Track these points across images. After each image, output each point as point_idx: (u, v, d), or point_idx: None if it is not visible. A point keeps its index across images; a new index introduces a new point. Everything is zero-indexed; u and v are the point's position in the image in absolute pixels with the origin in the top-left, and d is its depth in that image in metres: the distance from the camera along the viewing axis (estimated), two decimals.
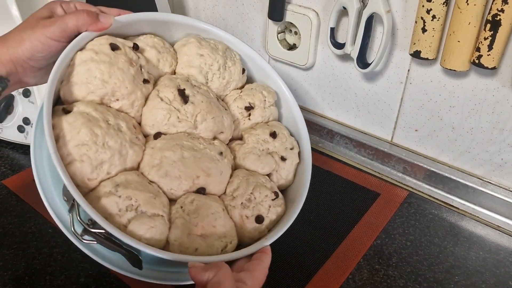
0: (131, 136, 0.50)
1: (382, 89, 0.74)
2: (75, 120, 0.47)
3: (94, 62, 0.50)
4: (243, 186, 0.54)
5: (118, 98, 0.52)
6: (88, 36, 0.51)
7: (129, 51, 0.53)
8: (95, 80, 0.50)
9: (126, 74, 0.51)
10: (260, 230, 0.53)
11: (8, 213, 0.66)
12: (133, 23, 0.57)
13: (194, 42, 0.60)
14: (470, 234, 0.66)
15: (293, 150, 0.61)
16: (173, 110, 0.54)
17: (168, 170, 0.50)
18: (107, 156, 0.47)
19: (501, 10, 0.54)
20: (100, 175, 0.47)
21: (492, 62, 0.58)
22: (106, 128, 0.48)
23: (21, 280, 0.57)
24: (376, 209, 0.69)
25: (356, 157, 0.81)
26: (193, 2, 0.93)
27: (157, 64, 0.58)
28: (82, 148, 0.46)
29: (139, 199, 0.46)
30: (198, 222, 0.48)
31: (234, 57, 0.62)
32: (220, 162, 0.54)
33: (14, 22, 0.76)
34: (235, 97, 0.62)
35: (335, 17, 0.71)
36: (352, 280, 0.59)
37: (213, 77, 0.60)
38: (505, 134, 0.65)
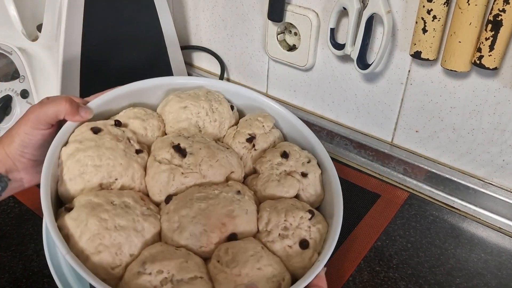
0: (142, 209, 0.48)
1: (382, 90, 0.74)
2: (79, 214, 0.45)
3: (80, 152, 0.49)
4: (273, 216, 0.50)
5: (116, 177, 0.49)
6: (68, 129, 0.51)
7: (112, 129, 0.52)
8: (87, 169, 0.48)
9: (116, 150, 0.50)
10: (309, 255, 0.48)
11: (6, 215, 0.65)
12: (109, 102, 0.56)
13: (174, 98, 0.59)
14: (471, 236, 0.66)
15: (311, 163, 0.57)
16: (174, 168, 0.51)
17: (191, 228, 0.47)
18: (123, 238, 0.44)
19: (503, 10, 0.54)
20: (124, 260, 0.44)
21: (494, 63, 0.58)
22: (112, 209, 0.45)
23: (19, 282, 0.56)
24: (376, 211, 0.69)
25: (356, 158, 0.80)
26: (193, 2, 0.93)
27: (145, 133, 0.56)
28: (95, 239, 0.44)
29: (170, 268, 0.43)
30: (241, 270, 0.44)
31: (217, 97, 0.60)
32: (241, 201, 0.50)
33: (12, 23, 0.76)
34: (233, 134, 0.59)
35: (335, 18, 0.71)
36: (353, 282, 0.58)
37: (205, 123, 0.58)
38: (507, 135, 0.65)
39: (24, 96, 0.73)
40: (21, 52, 0.73)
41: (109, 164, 0.49)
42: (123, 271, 0.44)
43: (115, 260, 0.44)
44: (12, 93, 0.74)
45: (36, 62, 0.73)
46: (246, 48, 0.89)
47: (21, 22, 0.76)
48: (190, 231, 0.46)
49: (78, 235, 0.44)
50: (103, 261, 0.43)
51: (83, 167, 0.48)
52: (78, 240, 0.44)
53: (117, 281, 0.44)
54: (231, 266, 0.44)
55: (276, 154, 0.56)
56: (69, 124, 0.51)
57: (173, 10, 0.97)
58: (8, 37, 0.76)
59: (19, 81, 0.73)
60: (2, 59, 0.75)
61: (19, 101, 0.74)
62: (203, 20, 0.94)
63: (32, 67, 0.73)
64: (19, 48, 0.73)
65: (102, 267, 0.43)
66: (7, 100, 0.74)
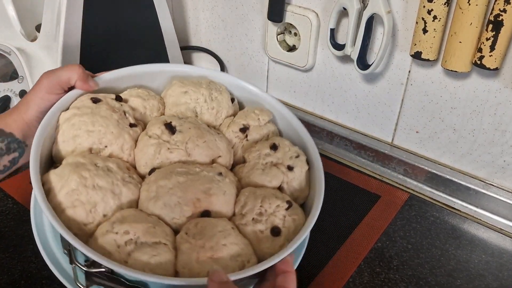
0: (123, 175, 0.49)
1: (382, 90, 0.74)
2: (63, 170, 0.47)
3: (76, 116, 0.51)
4: (250, 200, 0.50)
5: (106, 144, 0.51)
6: (71, 97, 0.53)
7: (111, 101, 0.55)
8: (80, 132, 0.51)
9: (110, 119, 0.52)
10: (280, 243, 0.48)
11: (4, 216, 0.65)
12: (115, 80, 0.58)
13: (177, 83, 0.61)
14: (472, 237, 0.65)
15: (299, 158, 0.56)
16: (162, 143, 0.52)
17: (166, 198, 0.48)
18: (99, 197, 0.46)
19: (503, 10, 0.54)
20: (96, 218, 0.46)
21: (494, 63, 0.58)
22: (94, 170, 0.47)
23: (17, 284, 0.56)
24: (376, 212, 0.69)
25: (356, 159, 0.80)
26: (192, 2, 0.93)
27: (144, 111, 0.58)
28: (73, 194, 0.45)
29: (137, 231, 0.44)
30: (205, 243, 0.45)
31: (219, 88, 0.62)
32: (221, 182, 0.51)
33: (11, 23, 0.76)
34: (228, 123, 0.60)
35: (335, 18, 0.71)
36: (353, 283, 0.58)
37: (202, 110, 0.60)
38: (508, 136, 0.64)
39: (22, 96, 0.73)
40: (20, 53, 0.73)
41: (100, 131, 0.51)
42: (95, 228, 0.46)
43: (88, 217, 0.45)
44: (10, 94, 0.74)
45: (35, 63, 0.73)
46: (246, 49, 0.89)
47: (20, 23, 0.76)
48: (165, 201, 0.48)
49: (58, 189, 0.46)
50: (77, 216, 0.45)
51: (77, 131, 0.51)
52: (57, 193, 0.45)
53: (87, 237, 0.45)
54: (196, 237, 0.45)
55: (265, 145, 0.57)
56: (73, 92, 0.53)
57: (173, 10, 0.97)
58: (7, 37, 0.76)
59: (17, 81, 0.73)
60: (0, 59, 0.75)
61: (17, 101, 0.73)
62: (202, 20, 0.93)
63: (31, 68, 0.72)
64: (17, 49, 0.73)
65: (75, 221, 0.45)
66: (6, 100, 0.74)
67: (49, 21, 0.71)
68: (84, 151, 0.51)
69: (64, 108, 0.53)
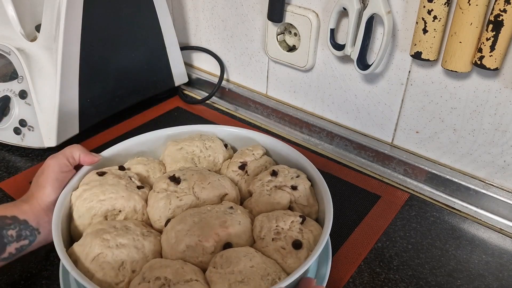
0: (142, 230, 0.52)
1: (382, 90, 0.74)
2: (85, 240, 0.50)
3: (87, 191, 0.54)
4: (265, 224, 0.52)
5: (120, 209, 0.55)
6: (78, 177, 0.57)
7: (116, 171, 0.59)
8: (93, 204, 0.54)
9: (118, 185, 0.55)
10: (304, 255, 0.50)
11: None
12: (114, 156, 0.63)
13: (171, 143, 0.65)
14: (472, 237, 0.65)
15: (300, 177, 0.60)
16: (170, 194, 0.56)
17: (186, 240, 0.49)
18: (125, 254, 0.48)
19: (504, 11, 0.54)
20: (127, 275, 0.48)
21: (494, 63, 0.58)
22: (114, 231, 0.50)
23: (17, 284, 0.56)
24: (376, 212, 0.69)
25: (356, 159, 0.80)
26: (192, 3, 0.93)
27: (147, 175, 0.62)
28: (99, 258, 0.48)
29: (167, 275, 0.45)
30: (234, 269, 0.46)
31: (211, 137, 0.67)
32: (233, 214, 0.53)
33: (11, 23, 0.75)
34: (227, 165, 0.64)
35: (335, 18, 0.71)
36: (353, 283, 0.58)
37: (200, 159, 0.64)
38: (508, 136, 0.64)
39: (23, 97, 0.73)
40: (20, 53, 0.73)
41: (112, 198, 0.54)
42: (127, 286, 0.47)
43: (118, 276, 0.47)
44: (10, 94, 0.74)
45: (34, 63, 0.73)
46: (245, 49, 0.89)
47: (20, 23, 0.76)
48: (186, 242, 0.49)
49: (84, 257, 0.48)
50: (107, 277, 0.47)
51: (89, 203, 0.54)
52: (84, 261, 0.48)
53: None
54: (224, 266, 0.46)
55: (266, 174, 0.60)
56: (80, 173, 0.58)
57: (173, 10, 0.97)
58: (7, 37, 0.76)
59: (17, 81, 0.73)
60: (0, 59, 0.75)
61: (17, 102, 0.74)
62: (202, 20, 0.93)
63: (31, 68, 0.72)
64: (17, 49, 0.73)
65: (106, 283, 0.47)
66: (6, 100, 0.74)
67: (49, 21, 0.71)
68: (100, 220, 0.53)
69: (75, 188, 0.56)
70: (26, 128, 0.74)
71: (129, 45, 0.82)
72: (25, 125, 0.74)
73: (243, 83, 0.94)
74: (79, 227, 0.54)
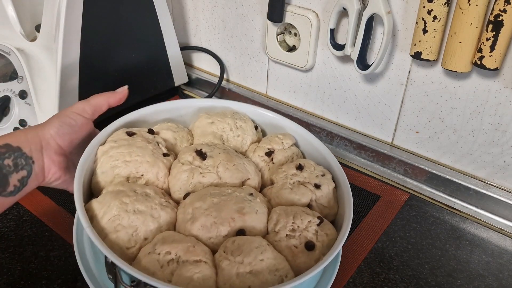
0: (161, 200, 0.52)
1: (382, 90, 0.74)
2: (104, 198, 0.50)
3: (114, 149, 0.55)
4: (282, 218, 0.52)
5: (142, 173, 0.55)
6: (108, 132, 0.58)
7: (145, 134, 0.59)
8: (118, 163, 0.54)
9: (145, 149, 0.56)
10: (315, 257, 0.49)
11: (4, 216, 0.65)
12: (145, 116, 0.64)
13: (203, 116, 0.65)
14: (472, 237, 0.65)
15: (325, 176, 0.59)
16: (194, 169, 0.56)
17: (202, 219, 0.50)
18: (140, 221, 0.49)
19: (504, 11, 0.54)
20: (138, 242, 0.48)
21: (494, 63, 0.58)
22: (134, 196, 0.50)
23: (17, 284, 0.56)
24: (376, 212, 0.69)
25: (356, 159, 0.80)
26: (192, 3, 0.93)
27: (174, 142, 0.62)
28: (115, 220, 0.48)
29: (178, 250, 0.46)
30: (244, 259, 0.46)
31: (243, 117, 0.66)
32: (252, 201, 0.53)
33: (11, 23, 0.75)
34: (254, 149, 0.63)
35: (335, 18, 0.71)
36: (353, 283, 0.58)
37: (228, 137, 0.64)
38: (508, 136, 0.64)
39: (23, 97, 0.73)
40: (20, 53, 0.73)
41: (137, 161, 0.54)
42: (137, 252, 0.48)
43: (131, 241, 0.48)
44: (10, 94, 0.74)
45: (34, 63, 0.73)
46: (245, 49, 0.89)
47: (20, 23, 0.76)
48: (202, 222, 0.49)
49: (101, 215, 0.48)
50: (120, 240, 0.48)
51: (114, 162, 0.54)
52: (100, 220, 0.48)
53: (130, 261, 0.47)
54: (235, 254, 0.47)
55: (291, 166, 0.59)
56: (109, 128, 0.58)
57: (173, 10, 0.97)
58: (7, 37, 0.76)
59: (17, 81, 0.73)
60: (0, 59, 0.75)
61: (17, 102, 0.74)
62: (202, 20, 0.93)
63: (31, 68, 0.72)
64: (17, 49, 0.73)
65: (118, 245, 0.47)
66: (5, 100, 0.74)
67: (48, 22, 0.71)
68: (122, 180, 0.54)
69: (102, 143, 0.56)
70: (26, 128, 0.74)
71: (129, 45, 0.82)
72: (25, 125, 0.74)
73: (243, 83, 0.94)
74: (101, 183, 0.54)
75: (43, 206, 0.66)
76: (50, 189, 0.69)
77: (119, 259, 0.43)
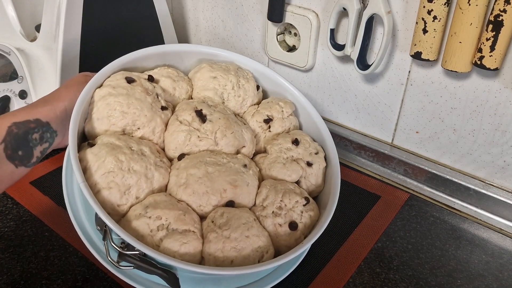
0: (155, 160, 0.52)
1: (382, 90, 0.74)
2: (100, 151, 0.49)
3: (112, 96, 0.53)
4: (271, 194, 0.54)
5: (139, 126, 0.54)
6: (105, 73, 0.55)
7: (145, 82, 0.56)
8: (115, 113, 0.53)
9: (144, 102, 0.54)
10: (296, 236, 0.52)
11: (4, 216, 0.65)
12: (146, 58, 0.61)
13: (206, 67, 0.63)
14: (472, 237, 0.65)
15: (318, 155, 0.60)
16: (192, 131, 0.55)
17: (195, 187, 0.51)
18: (134, 181, 0.49)
19: (504, 11, 0.54)
20: (130, 200, 0.49)
21: (494, 63, 0.58)
22: (130, 154, 0.50)
23: (17, 284, 0.56)
24: (376, 212, 0.69)
25: (356, 159, 0.80)
26: (192, 3, 0.93)
27: (173, 92, 0.60)
28: (109, 176, 0.48)
29: (169, 217, 0.47)
30: (231, 234, 0.48)
31: (246, 75, 0.65)
32: (245, 173, 0.54)
33: (11, 23, 0.75)
34: (253, 113, 0.63)
35: (335, 18, 0.71)
36: (353, 283, 0.58)
37: (229, 96, 0.63)
38: (508, 136, 0.64)
39: (23, 97, 0.73)
40: (20, 53, 0.73)
41: (135, 113, 0.53)
42: (127, 209, 0.49)
43: (122, 199, 0.49)
44: (10, 94, 0.74)
45: (34, 63, 0.73)
46: (245, 49, 0.89)
47: (20, 23, 0.76)
48: (194, 189, 0.51)
49: (95, 169, 0.48)
50: (112, 197, 0.48)
51: (111, 111, 0.52)
52: (93, 173, 0.48)
53: (120, 217, 0.48)
54: (223, 228, 0.48)
55: (287, 139, 0.60)
56: (106, 69, 0.55)
57: (173, 10, 0.97)
58: (7, 37, 0.76)
59: (17, 81, 0.73)
60: (0, 59, 0.75)
61: (17, 102, 0.74)
62: (202, 20, 0.93)
63: (31, 68, 0.72)
64: (17, 49, 0.73)
65: (109, 201, 0.48)
66: (5, 100, 0.74)
67: (48, 21, 0.71)
68: (117, 131, 0.53)
69: (99, 85, 0.54)
70: None
71: (129, 45, 0.82)
72: None
73: None
74: (96, 129, 0.53)
75: (43, 206, 0.66)
76: (50, 189, 0.69)
77: (113, 222, 0.43)
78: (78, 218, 0.52)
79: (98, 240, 0.51)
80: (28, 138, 0.48)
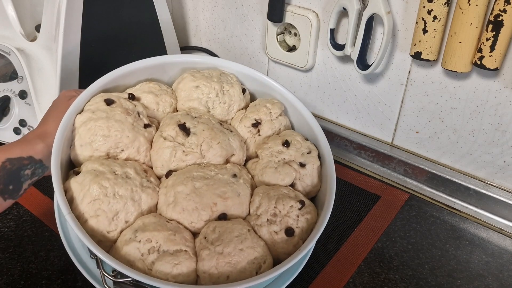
0: (142, 181, 0.51)
1: (382, 90, 0.74)
2: (84, 179, 0.49)
3: (92, 121, 0.52)
4: (264, 202, 0.52)
5: (122, 148, 0.53)
6: (85, 98, 0.54)
7: (125, 102, 0.56)
8: (96, 138, 0.52)
9: (125, 123, 0.53)
10: (294, 242, 0.51)
11: (4, 216, 0.65)
12: (126, 75, 0.60)
13: (188, 77, 0.62)
14: (472, 237, 0.65)
15: (311, 154, 0.58)
16: (177, 146, 0.54)
17: (184, 204, 0.50)
18: (121, 205, 0.49)
19: (504, 11, 0.54)
20: (119, 225, 0.49)
21: (494, 63, 0.58)
22: (113, 178, 0.49)
23: (17, 284, 0.56)
24: (376, 212, 0.69)
25: (356, 159, 0.80)
26: (192, 3, 0.93)
27: (157, 107, 0.60)
28: (95, 204, 0.48)
29: (158, 239, 0.46)
30: (223, 249, 0.47)
31: (230, 79, 0.63)
32: (235, 183, 0.53)
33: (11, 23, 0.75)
34: (240, 118, 0.61)
35: (335, 18, 0.71)
36: (353, 283, 0.58)
37: (214, 104, 0.61)
38: (508, 136, 0.64)
39: (23, 97, 0.73)
40: (20, 53, 0.73)
41: (116, 136, 0.53)
42: (118, 235, 0.48)
43: (111, 225, 0.48)
44: (10, 94, 0.74)
45: (34, 63, 0.73)
46: (245, 49, 0.89)
47: (20, 23, 0.76)
48: (183, 206, 0.50)
49: (81, 198, 0.48)
50: (100, 224, 0.47)
51: (93, 136, 0.52)
52: (80, 202, 0.48)
53: (111, 243, 0.48)
54: (215, 243, 0.47)
55: (277, 142, 0.58)
56: (86, 93, 0.54)
57: (173, 10, 0.97)
58: (7, 37, 0.76)
59: (17, 81, 0.73)
60: (0, 59, 0.75)
61: (17, 102, 0.73)
62: (202, 20, 0.93)
63: (31, 68, 0.72)
64: (17, 49, 0.73)
65: (99, 229, 0.47)
66: (5, 100, 0.74)
67: (48, 21, 0.71)
68: (102, 156, 0.52)
69: (79, 111, 0.54)
70: (26, 128, 0.74)
71: (129, 45, 0.82)
72: (25, 125, 0.74)
73: None
74: (79, 156, 0.52)
75: (43, 206, 0.66)
76: (50, 189, 0.69)
77: (102, 252, 0.43)
78: (71, 246, 0.52)
79: (94, 267, 0.51)
80: (20, 174, 0.49)
